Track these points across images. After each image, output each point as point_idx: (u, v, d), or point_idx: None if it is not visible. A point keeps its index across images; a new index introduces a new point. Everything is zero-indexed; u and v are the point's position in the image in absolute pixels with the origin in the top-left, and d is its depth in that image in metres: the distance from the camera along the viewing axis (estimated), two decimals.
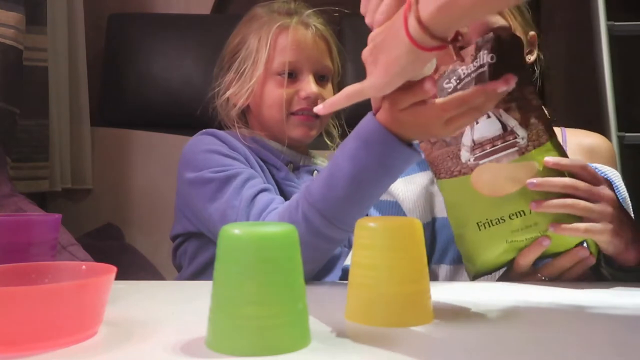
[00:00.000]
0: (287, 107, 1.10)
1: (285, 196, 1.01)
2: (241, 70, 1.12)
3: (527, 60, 1.09)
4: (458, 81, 0.80)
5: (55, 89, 1.59)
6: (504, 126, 0.81)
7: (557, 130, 1.18)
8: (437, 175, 0.88)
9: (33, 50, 1.47)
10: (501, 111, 0.81)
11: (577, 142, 1.15)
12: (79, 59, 1.70)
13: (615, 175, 1.10)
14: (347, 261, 1.03)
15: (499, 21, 0.94)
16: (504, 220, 0.81)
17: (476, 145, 0.82)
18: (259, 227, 0.57)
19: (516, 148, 0.81)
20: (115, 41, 1.75)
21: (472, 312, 0.70)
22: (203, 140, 1.06)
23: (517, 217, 0.80)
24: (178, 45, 1.72)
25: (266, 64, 1.10)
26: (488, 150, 0.82)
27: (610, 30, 1.57)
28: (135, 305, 0.74)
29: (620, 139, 1.53)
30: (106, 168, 1.70)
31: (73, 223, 1.47)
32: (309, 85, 1.10)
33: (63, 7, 1.63)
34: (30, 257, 0.75)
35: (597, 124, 1.58)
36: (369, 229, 0.66)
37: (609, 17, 1.58)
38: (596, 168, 1.07)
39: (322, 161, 1.23)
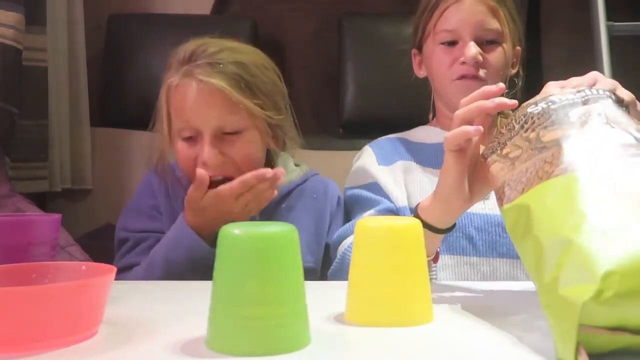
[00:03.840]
0: (192, 172, 0.98)
1: None
2: (157, 124, 1.05)
3: (510, 73, 1.15)
4: (550, 103, 0.66)
5: (55, 89, 1.59)
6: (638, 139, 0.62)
7: None
8: (522, 189, 0.63)
9: (33, 50, 1.47)
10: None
11: None
12: (79, 59, 1.69)
13: None
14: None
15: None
16: None
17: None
18: (259, 227, 0.57)
19: None
20: (115, 41, 1.75)
21: (472, 312, 0.70)
22: (137, 192, 1.12)
23: None
24: (178, 45, 1.71)
25: (168, 123, 1.02)
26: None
27: (610, 30, 1.57)
28: (135, 305, 0.74)
29: None
30: (106, 168, 1.70)
31: (73, 223, 1.47)
32: (204, 151, 0.96)
33: (63, 7, 1.63)
34: (30, 257, 0.75)
35: None
36: (369, 229, 0.66)
37: (609, 17, 1.58)
38: None
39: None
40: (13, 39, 1.34)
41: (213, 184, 0.95)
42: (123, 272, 1.02)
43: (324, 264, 1.08)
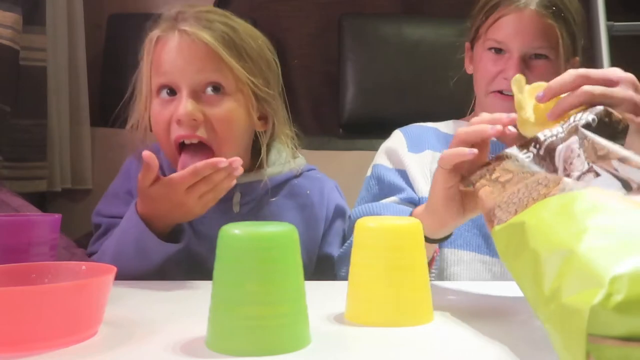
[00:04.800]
0: (166, 138, 0.90)
1: None
2: (136, 92, 0.98)
3: None
4: (538, 147, 0.65)
5: (55, 89, 1.59)
6: (626, 184, 0.59)
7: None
8: (515, 210, 0.62)
9: (32, 50, 1.47)
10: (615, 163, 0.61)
11: None
12: (78, 59, 1.70)
13: None
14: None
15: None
16: None
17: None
18: (259, 227, 0.57)
19: None
20: (115, 41, 1.75)
21: (472, 312, 0.70)
22: (118, 177, 1.06)
23: None
24: None
25: (150, 83, 0.94)
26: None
27: (610, 30, 1.57)
28: (135, 305, 0.74)
29: None
30: (106, 168, 1.70)
31: (73, 223, 1.47)
32: (180, 107, 0.88)
33: (63, 7, 1.63)
34: (30, 257, 0.75)
35: None
36: (368, 229, 0.66)
37: (609, 17, 1.58)
38: None
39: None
40: (10, 39, 1.34)
41: (186, 147, 0.89)
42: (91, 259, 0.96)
43: (320, 277, 1.00)
